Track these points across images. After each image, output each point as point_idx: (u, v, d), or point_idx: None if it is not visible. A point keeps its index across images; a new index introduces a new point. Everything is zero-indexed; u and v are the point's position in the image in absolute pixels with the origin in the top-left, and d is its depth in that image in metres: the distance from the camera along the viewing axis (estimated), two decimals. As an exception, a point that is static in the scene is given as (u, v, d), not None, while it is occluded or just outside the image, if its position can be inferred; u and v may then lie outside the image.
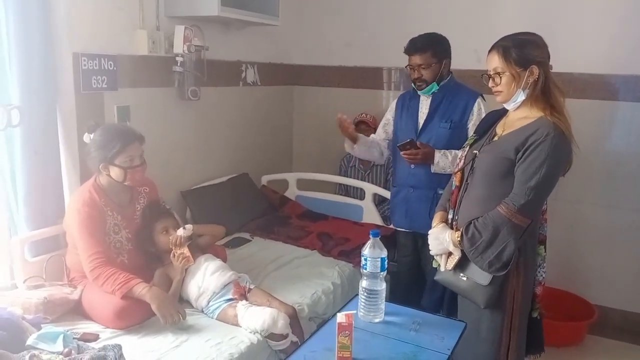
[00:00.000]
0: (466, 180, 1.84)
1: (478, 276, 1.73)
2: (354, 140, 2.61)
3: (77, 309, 2.13)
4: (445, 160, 2.42)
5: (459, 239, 1.74)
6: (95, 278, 2.05)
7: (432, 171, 2.45)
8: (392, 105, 2.73)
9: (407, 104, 2.63)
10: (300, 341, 2.12)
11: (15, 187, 2.22)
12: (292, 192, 3.55)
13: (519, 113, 1.77)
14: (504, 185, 1.72)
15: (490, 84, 1.78)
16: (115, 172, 2.14)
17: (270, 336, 2.02)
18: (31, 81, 2.17)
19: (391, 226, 2.83)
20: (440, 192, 2.47)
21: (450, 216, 1.87)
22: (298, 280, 2.51)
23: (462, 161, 1.87)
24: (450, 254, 1.81)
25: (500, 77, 1.73)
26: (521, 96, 1.73)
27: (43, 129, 2.24)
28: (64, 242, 2.28)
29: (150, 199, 2.37)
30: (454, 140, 2.45)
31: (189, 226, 2.29)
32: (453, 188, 1.89)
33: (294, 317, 2.13)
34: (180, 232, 2.25)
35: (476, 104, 2.46)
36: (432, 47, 2.44)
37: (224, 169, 3.39)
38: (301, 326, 2.18)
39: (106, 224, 2.16)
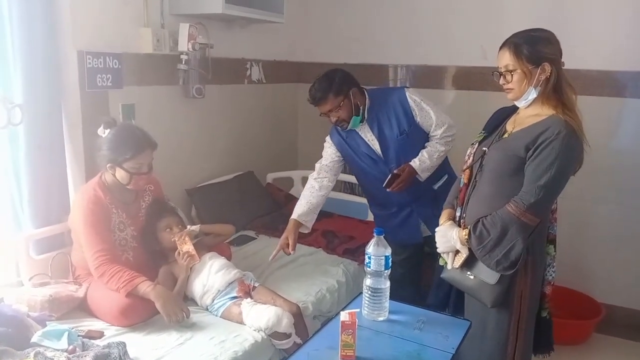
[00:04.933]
0: (474, 178, 1.82)
1: (485, 275, 1.71)
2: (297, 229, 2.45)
3: (82, 306, 2.13)
4: (425, 163, 2.35)
5: (466, 237, 1.73)
6: (100, 275, 2.05)
7: (423, 179, 2.39)
8: (328, 142, 2.54)
9: (347, 141, 2.47)
10: (304, 340, 2.11)
11: (20, 185, 2.22)
12: (297, 190, 3.51)
13: (530, 110, 1.75)
14: (513, 183, 1.69)
15: (501, 81, 1.75)
16: (120, 175, 2.14)
17: (274, 335, 2.02)
18: (36, 79, 2.17)
19: None
20: (435, 187, 2.47)
21: (457, 214, 1.85)
22: (302, 279, 2.50)
23: (471, 158, 1.85)
24: (457, 252, 1.79)
25: (512, 75, 1.71)
26: (533, 94, 1.71)
27: (48, 127, 2.25)
28: (69, 239, 2.28)
29: (154, 196, 2.37)
30: (418, 142, 2.39)
31: (197, 226, 2.33)
32: (461, 185, 1.87)
33: (298, 315, 2.13)
34: (192, 227, 2.29)
35: (408, 99, 2.38)
36: (330, 90, 2.30)
37: (229, 167, 3.38)
38: (305, 324, 2.17)
39: (111, 222, 2.16)
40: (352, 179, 3.45)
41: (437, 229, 1.88)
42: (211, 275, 2.21)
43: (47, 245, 2.29)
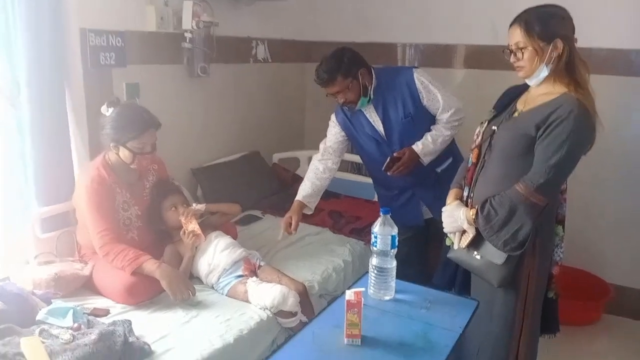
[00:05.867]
0: (483, 157, 1.78)
1: (492, 255, 1.68)
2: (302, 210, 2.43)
3: (87, 284, 2.13)
4: (429, 147, 2.30)
5: (473, 217, 1.70)
6: (105, 255, 2.05)
7: (426, 163, 2.34)
8: (333, 121, 2.50)
9: (352, 121, 2.42)
10: (310, 318, 2.10)
11: (25, 163, 2.22)
12: (303, 170, 3.44)
13: (542, 89, 1.70)
14: (523, 163, 1.66)
15: (512, 59, 1.70)
16: (124, 154, 2.12)
17: (280, 313, 2.01)
18: (38, 57, 2.14)
19: None
20: (438, 170, 2.42)
21: (465, 194, 1.82)
22: (309, 258, 2.49)
23: (480, 137, 1.81)
24: (464, 232, 1.77)
25: (523, 52, 1.66)
26: (544, 71, 1.66)
27: (51, 106, 2.23)
28: (75, 218, 2.27)
29: (158, 176, 2.36)
30: (423, 125, 2.34)
31: (202, 205, 2.34)
32: (469, 165, 1.83)
33: (304, 294, 2.12)
34: (198, 206, 2.29)
35: (416, 80, 2.32)
36: (338, 71, 2.23)
37: (235, 147, 3.36)
38: (311, 303, 2.17)
39: (115, 201, 2.16)
40: (358, 159, 3.42)
41: (443, 209, 1.85)
42: (217, 254, 2.21)
43: (52, 224, 2.29)
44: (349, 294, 1.44)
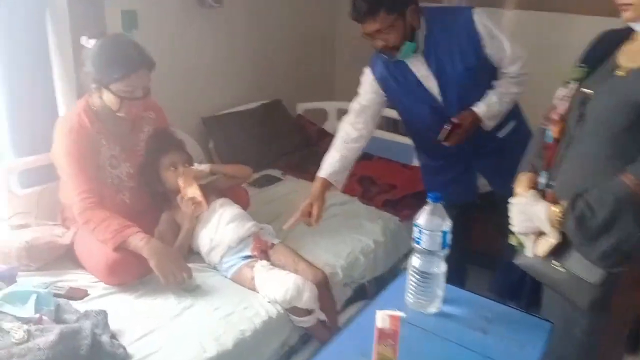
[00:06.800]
0: (571, 132, 1.33)
1: (583, 270, 1.25)
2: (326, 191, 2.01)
3: (69, 254, 1.84)
4: (494, 108, 1.87)
5: (560, 217, 1.26)
6: (85, 222, 1.74)
7: (489, 128, 1.92)
8: (368, 76, 2.04)
9: (393, 74, 1.98)
10: (331, 315, 1.77)
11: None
12: (331, 125, 3.15)
13: None
14: (631, 141, 1.22)
15: None
16: (109, 98, 1.76)
17: (293, 310, 1.67)
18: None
19: None
20: (499, 135, 1.99)
21: (542, 181, 1.37)
22: (332, 235, 2.12)
23: (565, 104, 1.35)
24: (541, 233, 1.33)
25: None
26: None
27: (29, 35, 1.96)
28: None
29: (156, 126, 2.00)
30: (484, 81, 1.90)
31: (206, 165, 1.99)
32: (549, 141, 1.38)
33: (323, 285, 1.78)
34: (200, 167, 1.96)
35: (477, 23, 1.84)
36: (381, 3, 1.78)
37: (253, 94, 3.06)
38: (333, 295, 1.84)
39: (100, 156, 1.82)
40: (395, 113, 2.98)
41: (513, 200, 1.39)
42: (221, 227, 1.87)
43: (33, 178, 2.03)
44: (382, 318, 1.04)
